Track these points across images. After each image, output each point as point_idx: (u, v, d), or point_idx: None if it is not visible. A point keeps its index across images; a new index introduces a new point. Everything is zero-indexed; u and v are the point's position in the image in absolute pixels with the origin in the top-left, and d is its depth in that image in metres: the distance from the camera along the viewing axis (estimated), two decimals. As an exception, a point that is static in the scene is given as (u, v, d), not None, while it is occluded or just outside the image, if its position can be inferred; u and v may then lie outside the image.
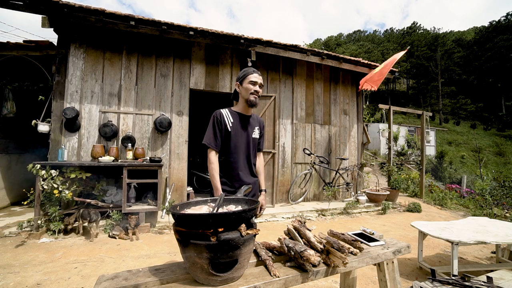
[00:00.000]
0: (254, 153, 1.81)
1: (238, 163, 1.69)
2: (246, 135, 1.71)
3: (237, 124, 1.69)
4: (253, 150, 1.78)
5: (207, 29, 4.29)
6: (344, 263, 0.95)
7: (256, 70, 1.68)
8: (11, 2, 3.47)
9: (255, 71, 1.66)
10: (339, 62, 5.44)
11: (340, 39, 74.93)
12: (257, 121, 1.85)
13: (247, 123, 1.73)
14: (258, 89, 1.66)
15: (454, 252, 2.16)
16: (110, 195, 3.84)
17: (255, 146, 1.80)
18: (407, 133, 17.64)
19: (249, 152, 1.74)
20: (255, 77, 1.64)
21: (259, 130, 1.83)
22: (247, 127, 1.73)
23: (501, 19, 47.24)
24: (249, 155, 1.75)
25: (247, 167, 1.75)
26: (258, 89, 1.66)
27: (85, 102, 4.10)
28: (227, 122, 1.67)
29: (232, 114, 1.70)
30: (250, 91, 1.63)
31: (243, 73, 1.68)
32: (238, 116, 1.71)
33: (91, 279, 2.29)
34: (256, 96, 1.66)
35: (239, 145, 1.68)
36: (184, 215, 0.84)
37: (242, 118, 1.72)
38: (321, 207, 4.96)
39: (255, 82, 1.64)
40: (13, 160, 4.80)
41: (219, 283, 0.83)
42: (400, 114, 31.47)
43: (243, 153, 1.71)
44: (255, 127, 1.79)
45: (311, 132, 5.68)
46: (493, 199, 5.76)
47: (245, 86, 1.65)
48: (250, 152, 1.75)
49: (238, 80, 1.69)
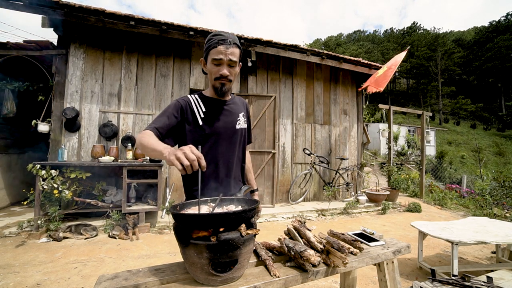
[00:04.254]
0: (242, 149, 1.30)
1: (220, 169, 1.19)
2: (228, 128, 1.21)
3: (213, 114, 1.18)
4: (239, 147, 1.27)
5: (207, 29, 4.29)
6: (344, 263, 0.95)
7: (226, 36, 1.10)
8: (11, 2, 3.47)
9: (222, 40, 1.08)
10: (339, 62, 5.44)
11: (340, 39, 74.95)
12: (241, 105, 1.31)
13: (227, 110, 1.22)
14: (225, 72, 1.10)
15: (454, 252, 2.16)
16: (110, 195, 3.85)
17: (242, 140, 1.28)
18: (407, 133, 17.64)
19: (234, 151, 1.23)
20: (219, 52, 1.08)
21: (245, 116, 1.31)
22: (228, 116, 1.22)
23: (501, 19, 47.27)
24: (236, 154, 1.25)
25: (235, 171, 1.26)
26: (225, 71, 1.10)
27: (85, 102, 4.09)
28: (197, 111, 1.16)
29: (205, 100, 1.20)
30: (214, 75, 1.13)
31: (206, 45, 1.14)
32: (213, 102, 1.21)
33: (91, 279, 2.29)
34: (223, 82, 1.13)
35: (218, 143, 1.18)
36: (184, 215, 0.84)
37: (218, 105, 1.21)
38: (321, 207, 4.96)
39: (220, 61, 1.09)
40: (13, 160, 4.80)
41: (219, 283, 0.83)
42: (400, 114, 31.50)
43: (227, 153, 1.21)
44: (239, 113, 1.26)
45: (311, 132, 5.68)
46: (493, 199, 5.76)
47: (208, 68, 1.15)
48: (236, 150, 1.24)
49: (204, 54, 1.17)
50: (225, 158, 1.20)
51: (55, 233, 3.20)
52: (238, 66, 1.18)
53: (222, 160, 1.19)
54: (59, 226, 3.31)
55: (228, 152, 1.21)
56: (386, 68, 5.24)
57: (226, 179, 1.21)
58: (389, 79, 5.15)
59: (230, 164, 1.22)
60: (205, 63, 1.18)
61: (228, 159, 1.21)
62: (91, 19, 3.77)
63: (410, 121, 31.33)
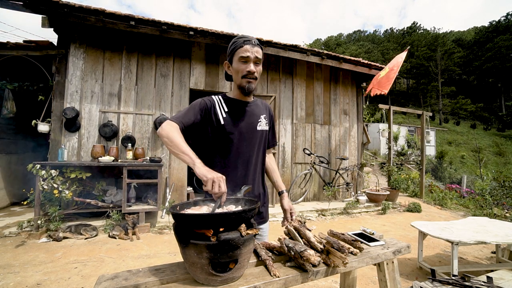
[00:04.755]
0: (263, 151, 1.31)
1: (238, 169, 1.21)
2: (248, 128, 1.23)
3: (234, 114, 1.21)
4: (260, 148, 1.28)
5: (207, 29, 4.29)
6: (344, 263, 0.95)
7: (250, 38, 1.16)
8: (11, 2, 3.47)
9: (247, 40, 1.14)
10: (339, 62, 5.44)
11: (340, 39, 74.95)
12: (263, 108, 1.33)
13: (248, 112, 1.25)
14: (253, 69, 1.14)
15: (454, 252, 2.16)
16: (110, 195, 3.85)
17: (263, 142, 1.30)
18: (407, 133, 17.64)
19: (254, 151, 1.24)
20: (246, 50, 1.12)
21: (267, 119, 1.32)
22: (250, 117, 1.24)
23: (501, 19, 47.29)
24: (255, 156, 1.25)
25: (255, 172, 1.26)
26: (253, 68, 1.14)
27: (85, 102, 4.10)
28: (219, 111, 1.19)
29: (227, 101, 1.24)
30: (241, 73, 1.15)
31: (232, 47, 1.17)
32: (235, 103, 1.24)
33: (91, 279, 2.29)
34: (250, 80, 1.16)
35: (238, 143, 1.20)
36: (184, 215, 0.84)
37: (240, 106, 1.24)
38: (321, 207, 4.96)
39: (247, 58, 1.13)
40: (13, 160, 4.80)
41: (219, 283, 0.83)
42: (400, 114, 31.50)
43: (247, 154, 1.22)
44: (260, 115, 1.28)
45: (311, 132, 5.68)
46: (493, 199, 5.76)
47: (235, 67, 1.17)
48: (255, 151, 1.25)
49: (227, 57, 1.21)
50: (244, 157, 1.22)
51: (55, 233, 3.20)
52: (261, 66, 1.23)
53: (241, 159, 1.22)
54: (59, 226, 3.31)
55: (248, 152, 1.23)
56: (388, 70, 5.24)
57: (244, 178, 1.22)
58: (392, 81, 5.15)
59: (249, 164, 1.24)
60: (229, 66, 1.22)
61: (247, 159, 1.23)
62: (91, 19, 3.77)
63: (410, 121, 31.33)
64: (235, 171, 1.20)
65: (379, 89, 5.29)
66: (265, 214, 1.35)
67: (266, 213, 1.37)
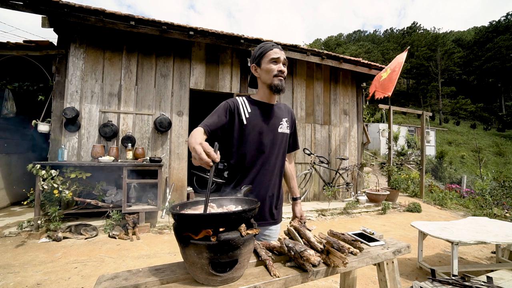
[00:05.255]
0: (283, 154, 1.35)
1: (256, 168, 1.25)
2: (269, 129, 1.27)
3: (257, 115, 1.26)
4: (280, 150, 1.31)
5: (207, 29, 4.29)
6: (344, 263, 0.95)
7: (276, 44, 1.27)
8: (11, 2, 3.47)
9: (274, 45, 1.25)
10: (339, 62, 5.44)
11: (340, 39, 74.97)
12: (285, 111, 1.38)
13: (271, 113, 1.30)
14: (283, 69, 1.24)
15: (454, 252, 2.16)
16: (110, 195, 3.85)
17: (283, 145, 1.33)
18: (407, 133, 17.64)
19: (273, 153, 1.28)
20: (276, 53, 1.23)
21: (289, 122, 1.37)
22: (271, 119, 1.29)
23: (501, 19, 47.30)
24: (274, 157, 1.29)
25: (272, 173, 1.29)
26: (283, 68, 1.24)
27: (85, 102, 4.10)
28: (243, 112, 1.25)
29: (251, 102, 1.29)
30: (273, 72, 1.22)
31: (260, 51, 1.26)
32: (258, 105, 1.29)
33: (91, 279, 2.29)
34: (281, 78, 1.24)
35: (258, 143, 1.25)
36: (184, 215, 0.84)
37: (263, 108, 1.29)
38: (321, 207, 4.96)
39: (278, 59, 1.23)
40: (13, 160, 4.80)
41: (219, 283, 0.83)
42: (400, 114, 31.50)
43: (266, 154, 1.26)
44: (282, 118, 1.33)
45: (311, 132, 5.68)
46: (493, 199, 5.76)
47: (265, 68, 1.24)
48: (275, 152, 1.29)
49: (254, 61, 1.28)
50: (264, 157, 1.26)
51: (53, 234, 3.20)
52: None
53: (261, 159, 1.26)
54: (59, 226, 3.31)
55: (268, 152, 1.27)
56: (389, 71, 5.23)
57: (262, 177, 1.26)
58: (395, 83, 5.14)
59: (268, 164, 1.28)
60: (257, 67, 1.28)
61: (266, 160, 1.27)
62: (91, 19, 3.77)
63: (410, 121, 31.33)
64: (253, 170, 1.25)
65: (383, 92, 5.29)
66: (277, 216, 1.37)
67: (279, 215, 1.39)
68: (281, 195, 1.39)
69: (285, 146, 1.35)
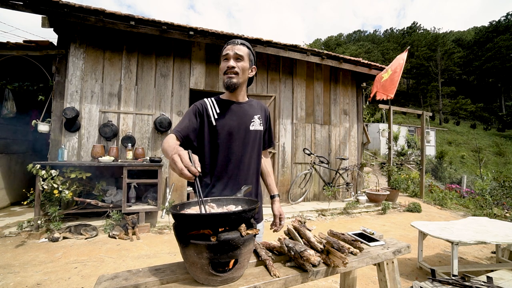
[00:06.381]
0: (258, 151, 1.31)
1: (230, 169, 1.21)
2: (240, 128, 1.24)
3: (226, 115, 1.23)
4: (254, 148, 1.28)
5: (207, 29, 4.29)
6: (344, 263, 0.95)
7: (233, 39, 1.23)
8: (11, 2, 3.47)
9: (231, 41, 1.22)
10: (339, 62, 5.44)
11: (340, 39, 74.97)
12: (258, 107, 1.35)
13: (240, 112, 1.26)
14: (232, 64, 1.18)
15: (454, 252, 2.16)
16: (110, 195, 3.85)
17: (257, 142, 1.30)
18: (407, 133, 17.64)
19: (246, 152, 1.24)
20: (226, 49, 1.20)
21: (262, 119, 1.34)
22: (242, 117, 1.25)
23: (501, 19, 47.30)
24: (248, 156, 1.25)
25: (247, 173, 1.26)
26: (232, 63, 1.18)
27: (85, 102, 4.10)
28: (211, 113, 1.23)
29: (220, 102, 1.26)
30: (223, 70, 1.22)
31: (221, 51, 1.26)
32: (227, 104, 1.26)
33: (91, 279, 2.29)
34: (230, 76, 1.19)
35: (230, 144, 1.21)
36: (184, 215, 0.84)
37: (232, 107, 1.26)
38: (321, 207, 4.96)
39: (227, 56, 1.19)
40: (13, 160, 4.80)
41: (219, 283, 0.83)
42: (400, 114, 31.49)
43: (239, 154, 1.23)
44: (254, 115, 1.29)
45: (311, 132, 5.68)
46: (493, 199, 5.76)
47: (219, 67, 1.25)
48: (248, 151, 1.25)
49: None
50: (236, 158, 1.23)
51: (50, 235, 3.19)
52: (249, 63, 1.25)
53: (233, 159, 1.22)
54: (59, 226, 3.31)
55: (240, 152, 1.23)
56: (391, 72, 5.23)
57: (236, 178, 1.23)
58: (397, 84, 5.14)
59: (241, 164, 1.24)
60: None
61: (239, 159, 1.23)
62: (91, 19, 3.77)
63: (410, 121, 31.33)
64: (226, 171, 1.21)
65: (385, 93, 5.29)
66: (257, 215, 1.35)
67: (259, 214, 1.38)
68: (259, 194, 1.38)
69: (259, 143, 1.32)
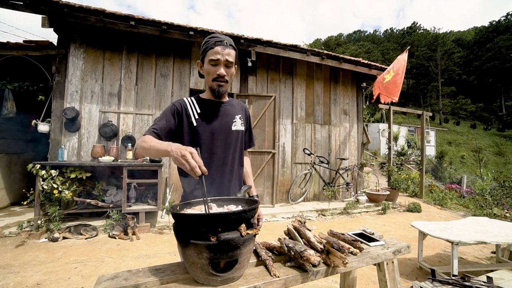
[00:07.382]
0: (240, 152, 1.29)
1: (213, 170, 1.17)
2: (222, 128, 1.21)
3: (207, 114, 1.19)
4: (236, 149, 1.26)
5: (207, 29, 4.29)
6: (344, 263, 0.95)
7: (222, 38, 1.12)
8: (11, 2, 3.47)
9: (219, 41, 1.11)
10: (339, 62, 5.44)
11: (340, 39, 74.97)
12: (239, 107, 1.32)
13: (222, 111, 1.23)
14: (223, 72, 1.12)
15: (454, 252, 2.16)
16: (110, 195, 3.85)
17: (239, 142, 1.27)
18: (407, 133, 17.64)
19: (229, 152, 1.22)
20: (216, 53, 1.10)
21: (243, 119, 1.31)
22: (223, 117, 1.22)
23: (501, 19, 47.31)
24: (231, 157, 1.23)
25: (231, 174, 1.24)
26: (223, 71, 1.12)
27: (85, 102, 4.09)
28: (191, 113, 1.18)
29: (200, 102, 1.22)
30: (211, 76, 1.14)
31: (203, 47, 1.15)
32: (208, 104, 1.22)
33: (91, 279, 2.29)
34: (221, 83, 1.15)
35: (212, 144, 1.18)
36: (184, 215, 0.84)
37: (214, 107, 1.22)
38: (321, 207, 4.96)
39: (218, 61, 1.11)
40: (13, 160, 4.80)
41: (219, 283, 0.83)
42: (400, 114, 31.48)
43: (221, 154, 1.20)
44: (235, 115, 1.26)
45: (311, 132, 5.68)
46: (493, 199, 5.76)
47: (205, 68, 1.15)
48: (231, 151, 1.22)
49: (200, 57, 1.18)
50: (219, 159, 1.20)
51: (50, 235, 3.19)
52: (234, 68, 1.20)
53: (216, 160, 1.19)
54: (59, 226, 3.31)
55: (222, 153, 1.20)
56: (393, 74, 5.22)
57: (219, 179, 1.20)
58: (400, 87, 5.14)
59: (224, 165, 1.21)
60: (202, 65, 1.19)
61: (222, 160, 1.20)
62: (91, 19, 3.77)
63: (410, 121, 31.32)
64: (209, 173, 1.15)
65: (389, 96, 5.28)
66: None
67: None
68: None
69: (241, 143, 1.29)
